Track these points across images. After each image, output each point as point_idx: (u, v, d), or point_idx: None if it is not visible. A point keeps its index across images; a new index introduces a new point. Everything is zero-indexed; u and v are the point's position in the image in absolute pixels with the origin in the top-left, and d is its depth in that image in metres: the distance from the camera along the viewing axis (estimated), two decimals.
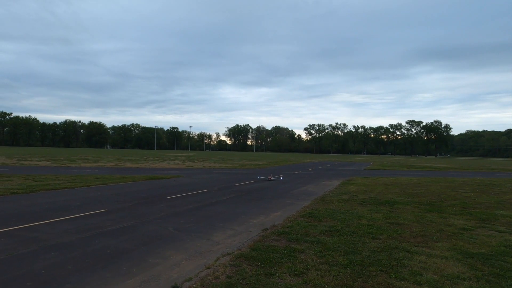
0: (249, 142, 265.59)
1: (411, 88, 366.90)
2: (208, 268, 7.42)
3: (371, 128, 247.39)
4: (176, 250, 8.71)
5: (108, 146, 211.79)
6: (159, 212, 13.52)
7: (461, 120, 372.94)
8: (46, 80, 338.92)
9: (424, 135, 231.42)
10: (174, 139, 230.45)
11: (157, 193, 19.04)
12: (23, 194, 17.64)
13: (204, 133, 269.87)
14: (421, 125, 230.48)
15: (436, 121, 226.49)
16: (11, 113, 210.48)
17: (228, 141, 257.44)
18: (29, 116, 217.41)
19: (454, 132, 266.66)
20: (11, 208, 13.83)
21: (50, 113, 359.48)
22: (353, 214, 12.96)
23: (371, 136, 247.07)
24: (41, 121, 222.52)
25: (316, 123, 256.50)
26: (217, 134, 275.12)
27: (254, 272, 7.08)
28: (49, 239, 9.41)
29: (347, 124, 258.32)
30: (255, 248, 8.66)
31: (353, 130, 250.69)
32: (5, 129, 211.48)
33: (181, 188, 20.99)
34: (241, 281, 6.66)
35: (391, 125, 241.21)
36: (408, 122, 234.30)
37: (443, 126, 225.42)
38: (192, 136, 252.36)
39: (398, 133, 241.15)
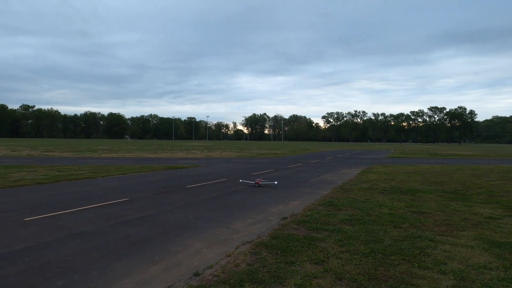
0: (266, 131, 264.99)
1: (433, 74, 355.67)
2: (229, 256, 7.46)
3: (391, 115, 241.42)
4: (196, 238, 8.80)
5: (127, 136, 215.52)
6: (179, 201, 13.69)
7: (487, 106, 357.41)
8: (66, 73, 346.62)
9: (447, 121, 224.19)
10: (191, 129, 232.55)
11: (177, 182, 19.27)
12: (48, 184, 18.19)
13: (221, 122, 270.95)
14: (444, 111, 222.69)
15: (460, 107, 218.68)
16: (34, 106, 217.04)
17: (245, 131, 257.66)
18: (51, 108, 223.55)
19: (480, 118, 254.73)
20: (37, 198, 14.28)
21: (71, 105, 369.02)
22: (374, 202, 12.77)
23: (391, 124, 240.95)
24: (62, 113, 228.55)
25: (335, 111, 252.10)
26: (234, 124, 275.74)
27: (274, 260, 7.08)
28: (74, 227, 9.67)
29: (366, 111, 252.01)
30: (275, 236, 8.65)
31: (373, 118, 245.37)
32: (28, 121, 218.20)
33: (199, 178, 21.18)
34: (261, 268, 6.67)
35: (412, 112, 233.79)
36: (430, 109, 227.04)
37: (467, 112, 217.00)
38: (209, 126, 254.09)
39: (419, 120, 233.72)
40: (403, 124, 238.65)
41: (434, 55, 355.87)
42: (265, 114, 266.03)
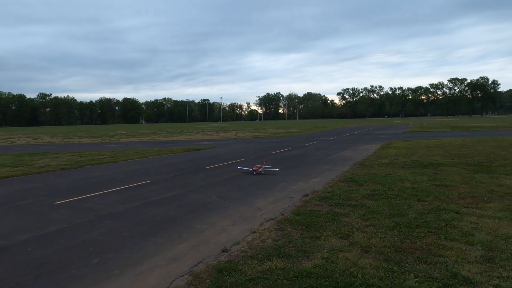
0: (280, 111, 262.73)
1: (453, 44, 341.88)
2: (254, 232, 7.60)
3: (409, 89, 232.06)
4: (220, 216, 8.97)
5: (143, 121, 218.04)
6: (200, 181, 13.91)
7: (511, 75, 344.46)
8: (79, 60, 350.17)
9: (468, 93, 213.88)
10: (205, 111, 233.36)
11: (196, 164, 19.53)
12: (72, 169, 18.72)
13: (235, 103, 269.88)
14: (465, 82, 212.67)
15: (482, 78, 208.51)
16: (51, 94, 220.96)
17: (259, 110, 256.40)
18: (67, 96, 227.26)
19: (503, 88, 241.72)
20: (64, 182, 14.74)
21: (86, 92, 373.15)
22: (395, 177, 12.68)
23: (409, 98, 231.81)
24: (78, 100, 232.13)
25: (350, 87, 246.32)
26: (248, 104, 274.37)
27: (299, 236, 7.18)
28: (102, 209, 9.99)
29: (383, 86, 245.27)
30: (298, 213, 8.74)
31: (390, 92, 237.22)
32: (46, 109, 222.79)
33: (218, 159, 21.39)
34: (287, 244, 6.78)
35: (431, 85, 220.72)
36: (450, 81, 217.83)
37: (490, 82, 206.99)
38: (223, 107, 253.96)
39: (439, 92, 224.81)
40: (422, 97, 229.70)
41: (454, 24, 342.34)
42: (279, 93, 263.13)
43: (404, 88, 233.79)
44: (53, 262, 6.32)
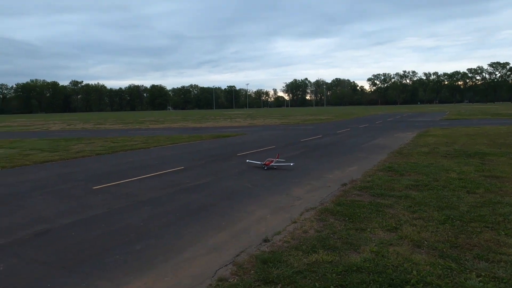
0: (307, 97, 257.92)
1: (494, 25, 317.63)
2: (295, 222, 7.35)
3: (445, 74, 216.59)
4: (257, 205, 8.78)
5: (170, 107, 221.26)
6: (233, 168, 13.78)
7: None
8: (108, 47, 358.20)
9: (511, 78, 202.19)
10: (231, 98, 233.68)
11: (226, 150, 19.46)
12: (106, 155, 19.12)
13: (261, 90, 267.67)
14: (508, 67, 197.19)
15: None
16: (82, 81, 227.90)
17: (286, 97, 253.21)
18: (98, 83, 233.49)
19: None
20: (100, 168, 15.04)
21: (115, 79, 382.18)
22: (438, 167, 12.02)
23: (444, 83, 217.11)
24: (108, 87, 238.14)
25: (381, 73, 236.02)
26: (275, 91, 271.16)
27: (343, 227, 6.87)
28: (139, 194, 10.04)
29: (416, 71, 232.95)
30: (339, 203, 8.41)
31: (424, 78, 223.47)
32: (78, 96, 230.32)
33: (248, 145, 21.22)
34: (331, 235, 6.49)
35: (469, 70, 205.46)
36: (491, 65, 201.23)
37: None
38: (249, 94, 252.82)
39: (478, 78, 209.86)
40: (458, 83, 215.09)
41: (495, 4, 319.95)
42: (306, 79, 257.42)
43: (439, 73, 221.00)
44: (97, 247, 6.35)
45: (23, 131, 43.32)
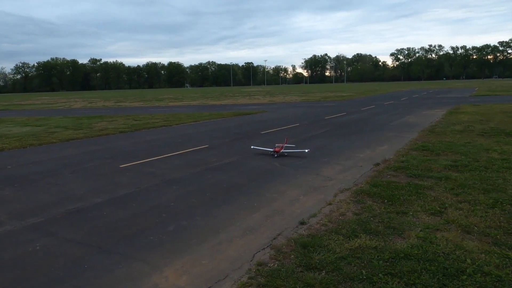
0: (327, 73, 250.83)
1: None
2: (330, 204, 7.05)
3: (473, 48, 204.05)
4: (288, 185, 8.51)
5: (187, 85, 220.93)
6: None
7: None
8: (126, 25, 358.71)
9: None
10: (249, 75, 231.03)
11: (249, 128, 19.16)
12: (129, 133, 19.15)
13: (280, 66, 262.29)
14: None
15: None
16: (101, 59, 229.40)
17: (305, 74, 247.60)
18: (116, 61, 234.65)
19: None
20: (125, 146, 15.03)
21: (133, 56, 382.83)
22: (477, 147, 11.38)
23: (473, 58, 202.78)
24: (126, 65, 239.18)
25: (405, 47, 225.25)
26: (293, 67, 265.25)
27: (383, 210, 6.52)
28: (166, 173, 9.92)
29: (442, 45, 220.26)
30: (375, 184, 8.03)
31: (451, 52, 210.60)
32: (97, 74, 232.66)
33: (271, 123, 20.84)
34: (371, 219, 6.17)
35: (501, 43, 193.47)
36: None
37: None
38: (267, 71, 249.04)
39: (510, 51, 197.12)
40: (488, 57, 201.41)
41: None
42: (326, 54, 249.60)
43: (467, 47, 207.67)
44: (130, 227, 6.24)
45: (46, 109, 44.15)
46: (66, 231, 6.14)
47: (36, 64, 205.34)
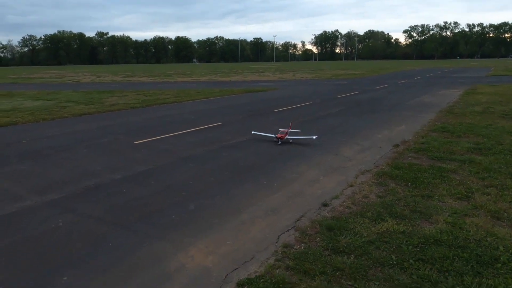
0: (337, 50, 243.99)
1: None
2: (352, 186, 6.92)
3: (490, 25, 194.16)
4: (307, 165, 8.37)
5: (195, 60, 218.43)
6: (272, 125, 13.25)
7: None
8: None
9: None
10: (258, 51, 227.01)
11: (261, 106, 18.89)
12: (141, 108, 19.02)
13: (289, 42, 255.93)
14: None
15: None
16: (108, 33, 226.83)
17: (315, 50, 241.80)
18: (123, 34, 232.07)
19: None
20: (137, 122, 14.93)
21: (139, 30, 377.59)
22: (499, 129, 11.07)
23: (489, 36, 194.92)
24: (133, 39, 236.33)
25: (419, 24, 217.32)
26: (303, 43, 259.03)
27: (407, 193, 6.37)
28: (181, 151, 9.82)
29: (458, 22, 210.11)
30: (396, 166, 7.85)
31: (466, 30, 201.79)
32: (104, 48, 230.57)
33: (283, 101, 20.51)
34: (396, 202, 6.03)
35: None
36: None
37: None
38: (276, 47, 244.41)
39: None
40: (505, 35, 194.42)
41: None
42: (336, 31, 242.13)
43: (484, 25, 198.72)
44: (150, 205, 6.19)
45: (55, 83, 44.06)
46: (87, 208, 6.10)
47: (43, 37, 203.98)
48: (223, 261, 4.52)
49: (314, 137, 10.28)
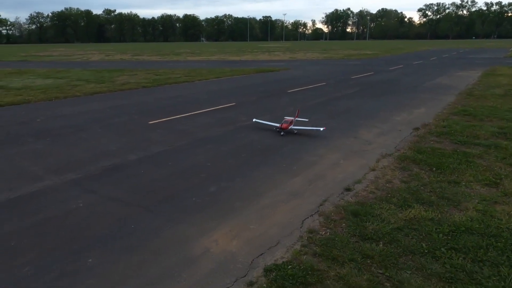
0: (348, 30, 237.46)
1: None
2: (374, 170, 6.75)
3: (510, 4, 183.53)
4: (327, 148, 8.19)
5: (203, 39, 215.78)
6: (287, 106, 13.03)
7: None
8: None
9: None
10: (267, 29, 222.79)
11: (274, 86, 18.56)
12: (152, 88, 18.83)
13: (299, 21, 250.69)
14: None
15: None
16: (115, 10, 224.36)
17: (325, 29, 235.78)
18: (131, 12, 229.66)
19: None
20: (150, 101, 14.78)
21: (147, 8, 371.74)
22: None
23: (507, 15, 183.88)
24: (141, 16, 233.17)
25: (434, 2, 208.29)
26: (313, 22, 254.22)
27: (433, 179, 6.19)
28: (197, 131, 9.69)
29: (476, 0, 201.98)
30: (419, 150, 7.64)
31: (484, 8, 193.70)
32: (112, 26, 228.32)
33: (296, 82, 20.13)
34: (422, 188, 5.87)
35: None
36: None
37: None
38: (286, 25, 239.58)
39: None
40: None
41: None
42: (348, 9, 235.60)
43: (502, 3, 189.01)
44: (171, 187, 6.12)
45: (65, 61, 43.88)
46: (107, 189, 6.05)
47: (50, 14, 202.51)
48: (248, 246, 4.44)
49: (322, 129, 9.00)
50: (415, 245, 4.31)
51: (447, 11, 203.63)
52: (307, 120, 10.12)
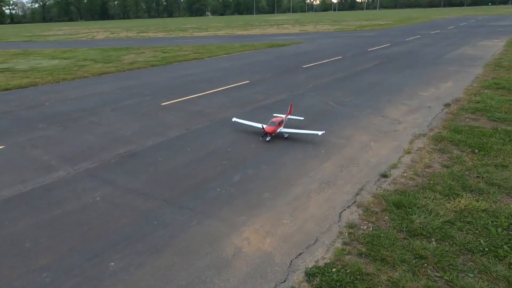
0: (358, 0, 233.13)
1: None
2: (409, 153, 6.22)
3: None
4: (353, 128, 7.65)
5: (208, 13, 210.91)
6: (305, 83, 12.39)
7: None
8: None
9: None
10: (273, 2, 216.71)
11: (288, 62, 17.79)
12: (161, 66, 18.21)
13: None
14: None
15: None
16: None
17: (334, 0, 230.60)
18: None
19: None
20: (160, 81, 14.22)
21: None
22: None
23: None
24: None
25: None
26: None
27: (477, 162, 5.66)
28: (213, 113, 9.19)
29: None
30: (455, 129, 7.06)
31: None
32: (115, 2, 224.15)
33: (310, 56, 19.28)
34: (466, 172, 5.35)
35: None
36: None
37: None
38: None
39: None
40: None
41: None
42: None
43: None
44: (192, 176, 5.69)
45: (70, 40, 43.09)
46: (124, 180, 5.65)
47: None
48: (283, 244, 4.02)
49: (320, 133, 6.87)
50: (472, 242, 3.84)
51: None
52: (302, 118, 8.04)
